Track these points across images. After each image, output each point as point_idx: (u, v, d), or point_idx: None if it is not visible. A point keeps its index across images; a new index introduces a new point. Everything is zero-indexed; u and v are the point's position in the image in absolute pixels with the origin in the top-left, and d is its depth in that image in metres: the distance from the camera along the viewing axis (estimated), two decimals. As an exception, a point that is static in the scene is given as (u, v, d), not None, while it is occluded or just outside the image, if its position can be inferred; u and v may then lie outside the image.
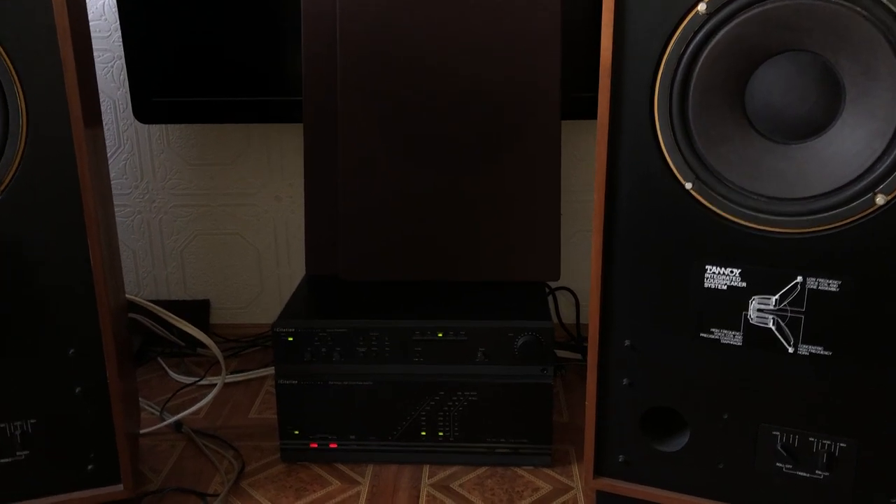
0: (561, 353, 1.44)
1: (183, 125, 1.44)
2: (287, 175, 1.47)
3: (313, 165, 1.26)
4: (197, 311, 1.54)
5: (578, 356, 1.44)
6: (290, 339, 1.09)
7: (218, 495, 1.07)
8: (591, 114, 0.97)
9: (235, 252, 1.52)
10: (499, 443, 1.12)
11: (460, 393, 1.10)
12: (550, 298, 1.47)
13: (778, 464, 0.92)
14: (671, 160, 0.88)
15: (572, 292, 1.47)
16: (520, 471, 1.12)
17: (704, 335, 0.92)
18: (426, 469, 1.13)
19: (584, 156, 1.45)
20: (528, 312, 1.12)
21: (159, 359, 1.46)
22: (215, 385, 1.32)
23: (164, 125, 1.44)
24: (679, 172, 0.88)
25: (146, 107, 1.33)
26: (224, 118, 1.35)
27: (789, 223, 0.85)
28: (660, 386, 0.95)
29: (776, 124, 0.85)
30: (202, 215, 1.50)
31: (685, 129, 0.87)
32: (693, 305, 0.91)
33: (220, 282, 1.54)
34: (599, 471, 1.00)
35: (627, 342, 0.95)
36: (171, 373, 1.41)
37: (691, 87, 0.85)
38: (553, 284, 1.46)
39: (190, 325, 1.22)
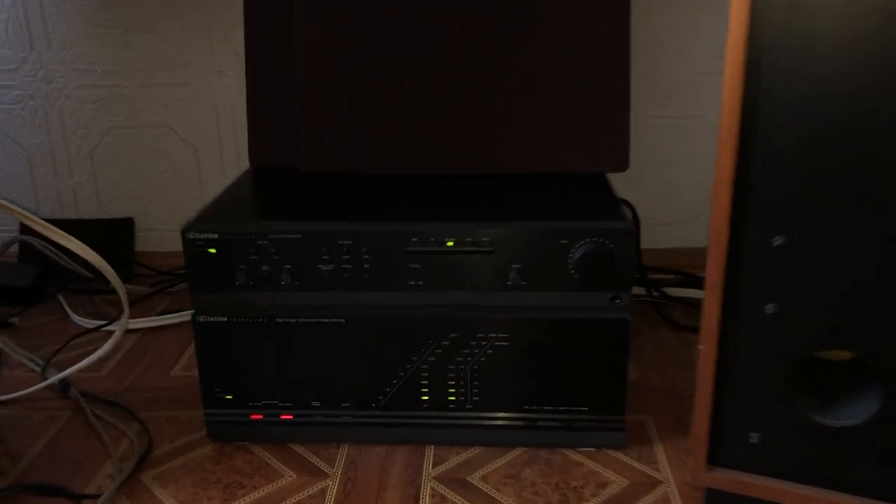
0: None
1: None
2: (232, 37, 1.05)
3: (258, 19, 0.85)
4: (116, 233, 1.14)
5: (642, 291, 1.04)
6: (213, 250, 0.69)
7: (99, 496, 0.68)
8: None
9: (165, 152, 1.11)
10: (542, 412, 0.72)
11: (482, 335, 0.70)
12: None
13: None
14: None
15: (629, 204, 1.06)
16: (575, 455, 0.73)
17: (925, 223, 0.51)
18: (429, 452, 0.74)
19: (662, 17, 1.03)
20: (588, 209, 0.71)
21: (59, 296, 1.06)
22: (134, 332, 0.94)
23: (53, -34, 1.02)
24: None
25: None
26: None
27: None
28: (831, 316, 0.55)
29: None
30: (116, 100, 1.09)
31: None
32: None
33: (146, 194, 1.13)
34: (715, 457, 0.61)
35: (778, 239, 0.55)
36: (73, 315, 1.01)
37: None
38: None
39: (80, 244, 0.81)
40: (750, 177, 0.54)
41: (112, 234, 1.14)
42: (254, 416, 0.74)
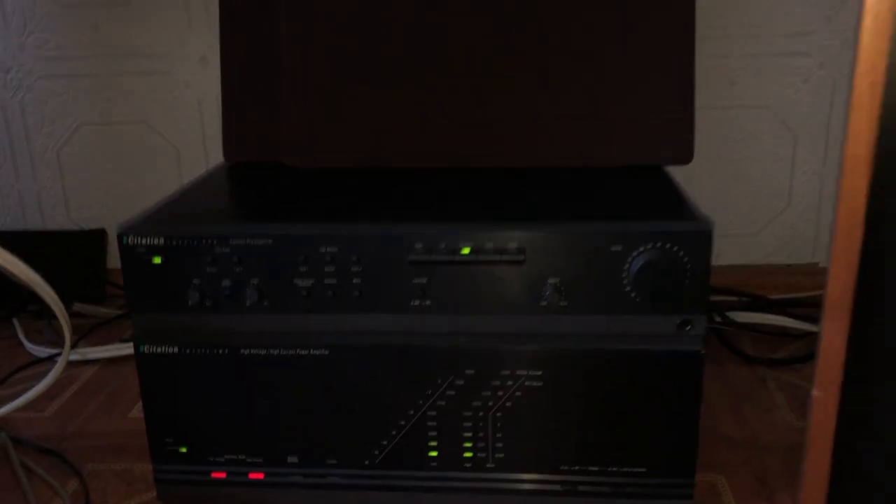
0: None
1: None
2: (216, 24, 0.91)
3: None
4: (86, 247, 0.99)
5: (714, 317, 0.86)
6: (158, 259, 0.53)
7: (6, 583, 0.52)
8: None
9: (141, 151, 0.96)
10: (586, 473, 0.55)
11: (508, 372, 0.53)
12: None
13: None
14: None
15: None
16: (629, 530, 0.56)
17: None
18: (440, 523, 0.57)
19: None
20: (649, 207, 0.55)
21: (14, 320, 0.91)
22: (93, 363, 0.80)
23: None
24: None
25: None
26: None
27: None
28: None
29: None
30: (87, 93, 0.94)
31: None
32: None
33: (120, 201, 0.98)
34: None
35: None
36: (25, 341, 0.86)
37: None
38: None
39: (12, 259, 0.67)
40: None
41: (81, 248, 0.99)
42: (215, 475, 0.57)
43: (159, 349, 0.55)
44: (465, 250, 0.51)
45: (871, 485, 0.42)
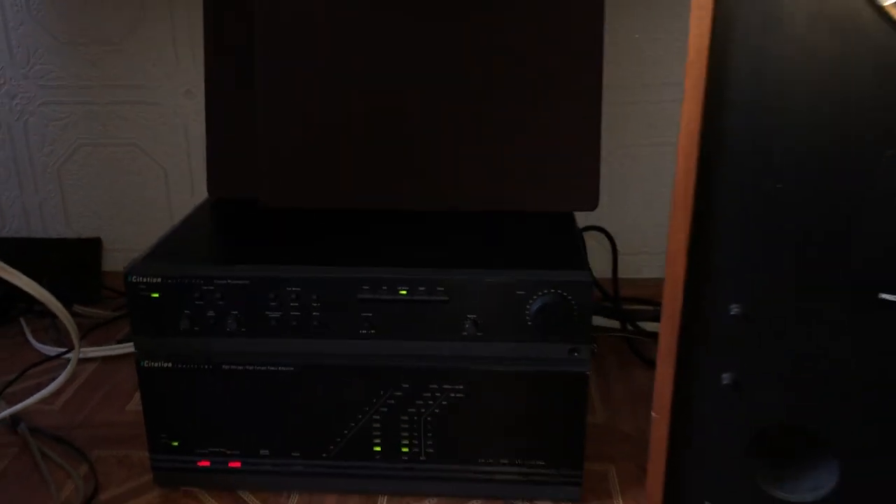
0: (593, 321, 1.01)
1: (48, -16, 0.99)
2: (201, 59, 1.02)
3: (218, 46, 0.82)
4: (83, 253, 1.11)
5: (616, 324, 1.01)
6: (156, 294, 0.66)
7: (36, 548, 0.65)
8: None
9: (133, 171, 1.09)
10: (498, 465, 0.69)
11: (436, 386, 0.67)
12: (575, 241, 1.03)
13: None
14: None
15: (607, 234, 1.03)
16: (531, 509, 0.70)
17: (888, 296, 0.49)
18: (382, 502, 0.71)
19: (635, 41, 1.00)
20: (548, 257, 0.69)
21: (22, 319, 1.04)
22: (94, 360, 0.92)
23: (17, -18, 1.00)
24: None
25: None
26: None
27: None
28: (789, 389, 0.52)
29: None
30: (84, 118, 1.06)
31: None
32: (869, 242, 0.48)
33: (114, 213, 1.11)
34: (670, 528, 0.58)
35: (735, 308, 0.52)
36: (32, 341, 0.99)
37: None
38: (579, 221, 1.02)
39: (27, 280, 0.78)
40: (707, 242, 0.52)
41: (79, 254, 1.11)
42: (201, 463, 0.71)
43: (156, 364, 0.68)
44: (403, 292, 0.65)
45: (691, 482, 0.57)
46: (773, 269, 0.50)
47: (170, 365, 0.68)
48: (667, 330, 0.53)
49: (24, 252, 1.11)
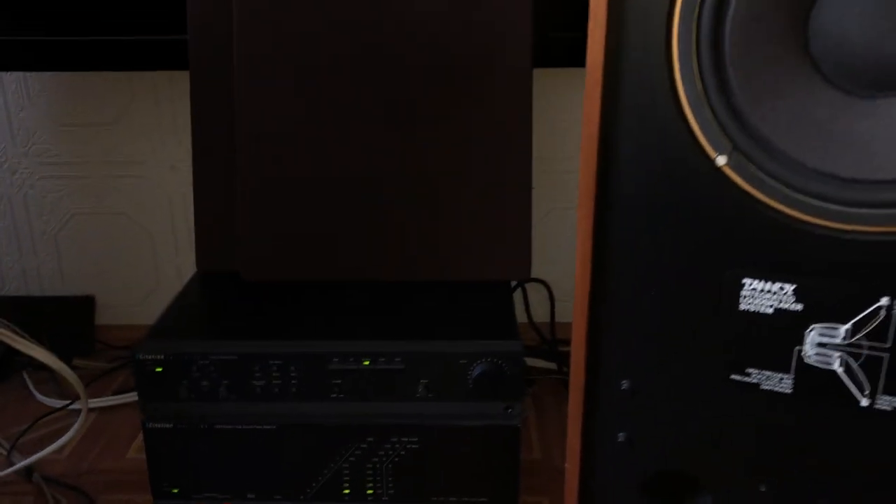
0: (532, 363, 1.16)
1: (46, 73, 1.11)
2: (184, 138, 1.16)
3: (204, 131, 0.95)
4: (77, 310, 1.23)
5: (553, 366, 1.16)
6: (159, 369, 0.79)
7: (60, 585, 0.78)
8: (575, 60, 0.68)
9: (123, 236, 1.21)
10: (448, 501, 0.83)
11: (395, 439, 0.81)
12: (519, 293, 1.18)
13: (839, 559, 0.65)
14: (696, 122, 0.59)
15: (546, 285, 1.18)
16: (476, 538, 0.84)
17: (737, 377, 0.64)
18: (352, 536, 0.85)
19: (564, 114, 1.16)
20: (486, 328, 0.83)
21: (24, 373, 1.15)
22: (92, 410, 1.04)
23: (19, 73, 1.11)
24: (708, 141, 0.59)
25: (-12, 49, 1.01)
26: (93, 63, 1.03)
27: (873, 217, 0.57)
28: (671, 444, 0.67)
29: (855, 69, 0.56)
30: (79, 190, 1.18)
31: (719, 76, 0.57)
32: (721, 335, 0.63)
33: (106, 273, 1.23)
34: (582, 555, 0.73)
35: (625, 384, 0.67)
36: (36, 393, 1.11)
37: (729, 13, 0.56)
38: (522, 276, 1.16)
39: (45, 353, 0.90)
40: (599, 324, 0.66)
41: (74, 311, 1.23)
42: (197, 506, 0.84)
43: (160, 425, 0.81)
44: (366, 362, 0.79)
45: (607, 472, 0.71)
46: (654, 351, 0.64)
47: (171, 426, 0.81)
48: (574, 400, 0.68)
49: (23, 309, 1.23)
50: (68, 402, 1.07)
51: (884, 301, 0.58)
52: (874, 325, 0.59)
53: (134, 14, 1.01)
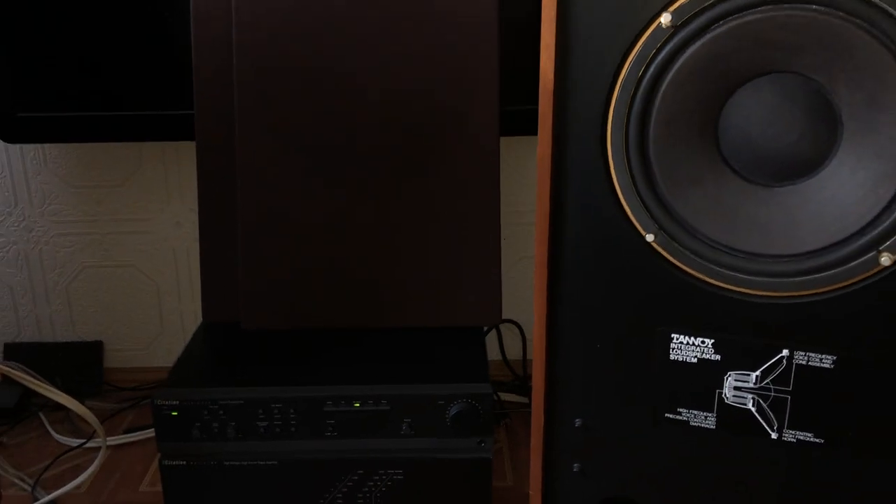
0: (505, 397, 1.27)
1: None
2: (187, 198, 1.27)
3: (209, 194, 1.06)
4: (87, 354, 1.33)
5: (525, 400, 1.27)
6: (174, 413, 0.90)
7: None
8: (533, 129, 0.80)
9: (130, 287, 1.32)
10: (430, 526, 0.95)
11: (383, 471, 0.92)
12: (493, 333, 1.30)
13: (759, 569, 0.77)
14: (628, 207, 0.71)
15: (517, 325, 1.30)
16: (455, 558, 0.95)
17: (670, 416, 0.76)
18: (345, 558, 0.95)
19: (530, 172, 1.28)
20: (461, 373, 0.94)
21: (41, 414, 1.26)
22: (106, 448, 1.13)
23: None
24: (638, 222, 0.71)
25: (11, 124, 1.12)
26: (107, 136, 1.14)
27: (774, 285, 0.69)
28: (618, 473, 0.79)
29: (757, 162, 0.69)
30: (89, 245, 1.29)
31: (645, 169, 0.70)
32: (656, 381, 0.75)
33: (115, 321, 1.34)
34: (545, 573, 0.84)
35: (578, 421, 0.78)
36: (52, 432, 1.21)
37: (653, 118, 0.69)
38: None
39: (70, 399, 1.01)
40: (556, 371, 0.78)
41: (84, 355, 1.33)
42: (208, 534, 0.95)
43: (174, 463, 0.92)
44: (356, 404, 0.90)
45: (564, 498, 0.83)
46: (602, 394, 0.76)
47: (185, 463, 0.92)
48: (535, 436, 0.79)
49: (36, 354, 1.33)
50: (84, 440, 1.18)
51: (784, 352, 0.70)
52: (778, 372, 0.71)
53: (136, 89, 1.13)
